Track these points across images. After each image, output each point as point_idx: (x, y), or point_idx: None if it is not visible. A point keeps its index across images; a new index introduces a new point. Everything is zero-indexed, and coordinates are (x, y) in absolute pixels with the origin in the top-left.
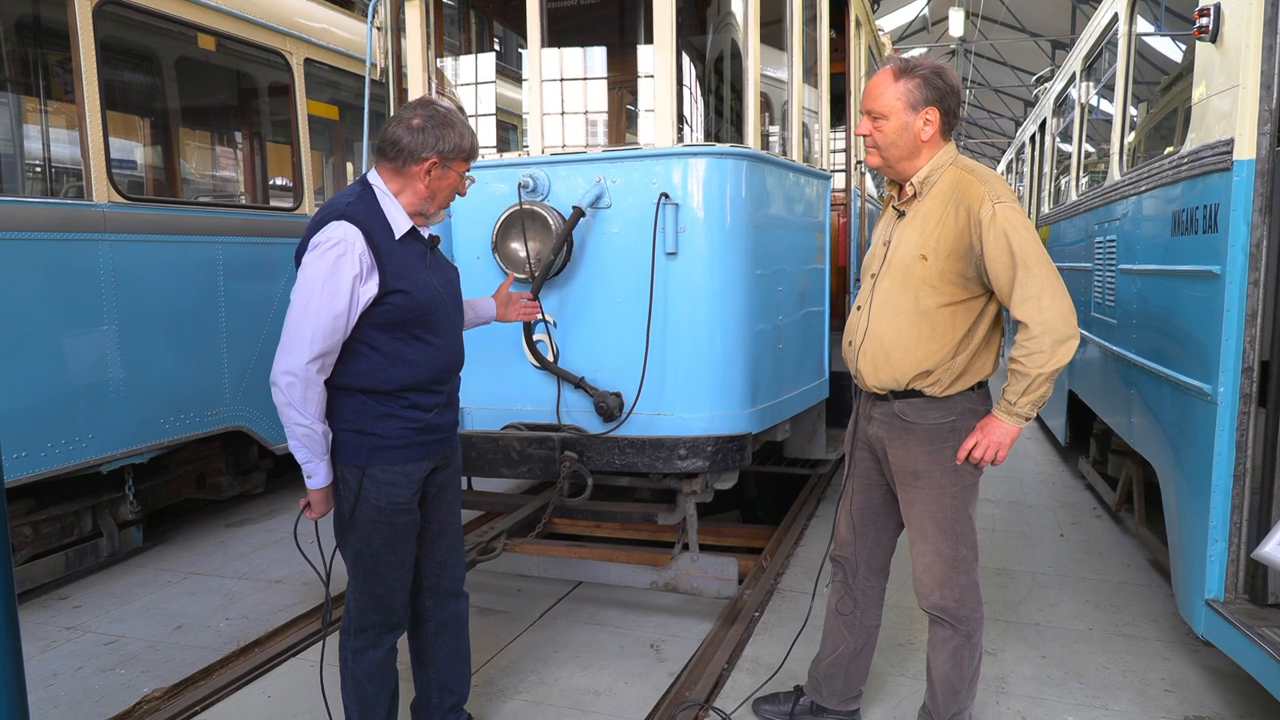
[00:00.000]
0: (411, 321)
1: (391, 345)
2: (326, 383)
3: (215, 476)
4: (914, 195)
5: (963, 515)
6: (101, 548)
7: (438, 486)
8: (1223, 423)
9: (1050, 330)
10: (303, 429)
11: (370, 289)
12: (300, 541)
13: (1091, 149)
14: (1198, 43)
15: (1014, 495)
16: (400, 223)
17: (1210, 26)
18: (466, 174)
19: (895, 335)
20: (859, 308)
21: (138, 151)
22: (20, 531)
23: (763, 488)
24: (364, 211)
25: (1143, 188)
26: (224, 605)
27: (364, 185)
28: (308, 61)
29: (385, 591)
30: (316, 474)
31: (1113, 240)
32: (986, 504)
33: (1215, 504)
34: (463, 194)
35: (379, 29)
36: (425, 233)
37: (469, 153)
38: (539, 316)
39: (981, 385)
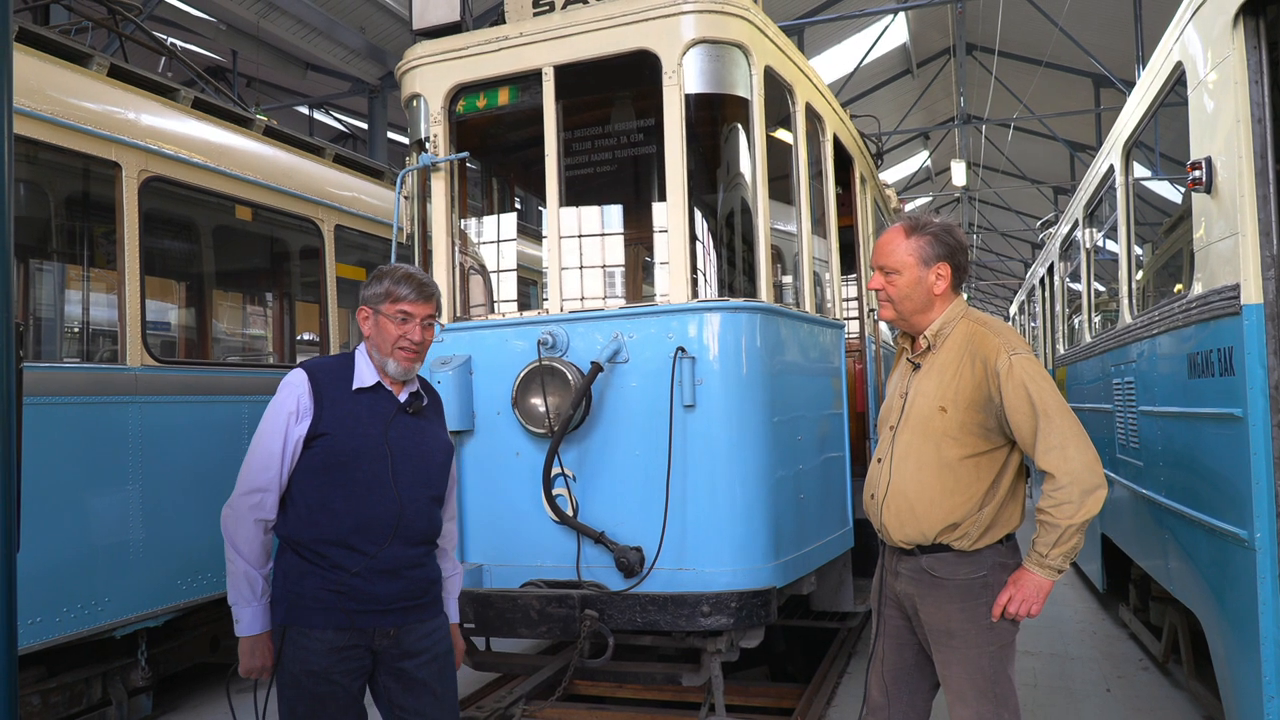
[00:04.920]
0: (335, 466)
1: (318, 492)
2: (279, 535)
3: (228, 639)
4: (928, 348)
5: (1002, 676)
6: (109, 717)
7: (404, 678)
8: (1264, 569)
9: (1078, 480)
10: (230, 563)
11: (301, 428)
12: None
13: (1101, 288)
14: (1193, 193)
15: (1054, 647)
16: (364, 377)
17: (1203, 179)
18: (398, 313)
19: (919, 488)
20: (879, 460)
21: (172, 314)
22: (28, 701)
23: (791, 640)
24: (324, 364)
25: (1155, 330)
26: None
27: (357, 349)
28: (338, 228)
29: None
30: (240, 619)
31: (1130, 382)
32: (1026, 657)
33: (1266, 657)
34: (413, 337)
35: (406, 198)
36: (403, 394)
37: (395, 295)
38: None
39: (1010, 537)
